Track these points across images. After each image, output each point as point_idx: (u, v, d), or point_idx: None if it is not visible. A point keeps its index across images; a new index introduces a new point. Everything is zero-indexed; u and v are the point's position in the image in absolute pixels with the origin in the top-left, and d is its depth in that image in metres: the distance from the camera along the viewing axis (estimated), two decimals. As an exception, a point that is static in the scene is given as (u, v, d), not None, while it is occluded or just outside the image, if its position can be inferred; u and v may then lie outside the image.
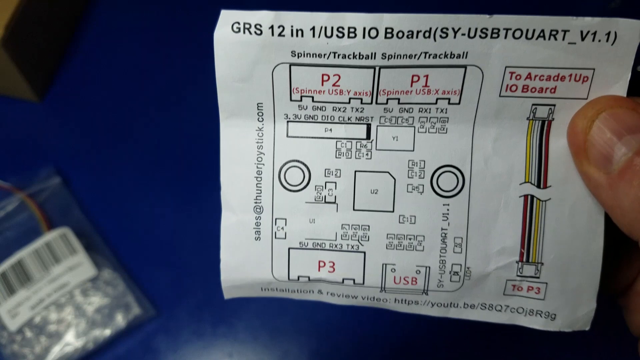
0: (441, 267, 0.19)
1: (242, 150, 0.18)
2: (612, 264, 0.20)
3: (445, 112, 0.18)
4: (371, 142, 0.18)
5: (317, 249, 0.19)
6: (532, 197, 0.18)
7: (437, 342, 0.34)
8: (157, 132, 0.39)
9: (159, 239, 0.36)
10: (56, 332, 0.33)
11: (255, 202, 0.19)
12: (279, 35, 0.16)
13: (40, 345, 0.33)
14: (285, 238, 0.19)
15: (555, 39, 0.16)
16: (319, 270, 0.19)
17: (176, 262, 0.36)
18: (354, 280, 0.19)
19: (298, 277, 0.19)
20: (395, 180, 0.18)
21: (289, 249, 0.19)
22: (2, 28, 0.34)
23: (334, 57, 0.17)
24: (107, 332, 0.33)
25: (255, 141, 0.18)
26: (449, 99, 0.17)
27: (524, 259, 0.18)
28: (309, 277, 0.19)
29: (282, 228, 0.19)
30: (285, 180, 0.19)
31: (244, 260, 0.19)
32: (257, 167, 0.19)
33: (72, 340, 0.33)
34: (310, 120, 0.18)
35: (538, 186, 0.18)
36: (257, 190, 0.19)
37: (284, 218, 0.19)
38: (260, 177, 0.19)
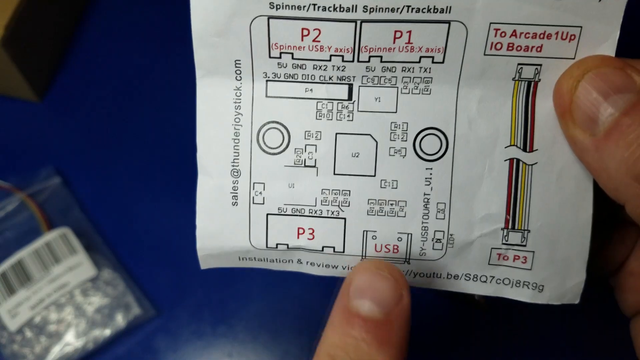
0: (423, 234, 0.18)
1: (219, 111, 0.18)
2: (603, 243, 0.20)
3: (429, 72, 0.17)
4: (353, 103, 0.18)
5: (297, 215, 0.18)
6: (518, 161, 0.17)
7: (437, 342, 0.34)
8: (157, 132, 0.39)
9: (159, 239, 0.36)
10: (56, 332, 0.33)
11: (233, 166, 0.18)
12: None
13: (40, 345, 0.33)
14: (263, 203, 0.18)
15: None
16: (298, 237, 0.18)
17: (176, 262, 0.36)
18: (334, 248, 0.18)
19: (277, 245, 0.18)
20: (377, 143, 0.18)
21: (267, 214, 0.18)
22: (2, 28, 0.34)
23: (314, 9, 0.16)
24: (107, 332, 0.33)
25: (232, 101, 0.18)
26: (433, 57, 0.17)
27: (510, 226, 0.18)
28: (287, 245, 0.18)
29: (260, 193, 0.18)
30: (264, 143, 0.18)
31: (221, 226, 0.18)
32: (235, 129, 0.18)
33: (72, 340, 0.33)
34: (290, 79, 0.17)
35: (524, 150, 0.17)
36: (234, 152, 0.18)
37: (262, 182, 0.18)
38: (238, 139, 0.18)
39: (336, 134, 0.18)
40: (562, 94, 0.16)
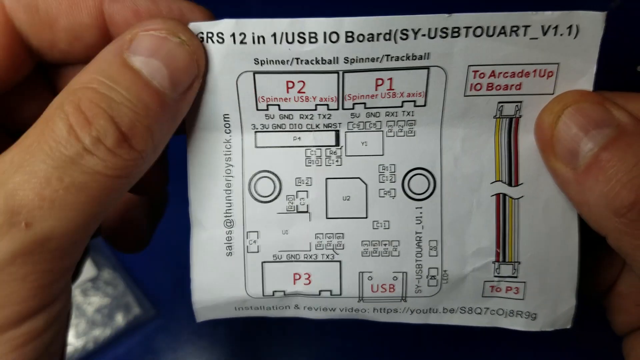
0: (418, 272, 0.18)
1: (210, 164, 0.18)
2: (592, 265, 0.20)
3: (412, 115, 0.18)
4: (340, 148, 0.18)
5: (292, 261, 0.18)
6: (504, 195, 0.18)
7: (437, 343, 0.34)
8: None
9: (159, 239, 0.36)
10: (56, 332, 0.33)
11: (226, 216, 0.18)
12: (241, 42, 0.16)
13: (40, 345, 0.33)
14: (258, 252, 0.18)
15: (517, 34, 0.16)
16: (294, 283, 0.19)
17: (176, 262, 0.35)
18: (331, 291, 0.18)
19: (273, 293, 0.19)
20: (366, 185, 0.18)
21: (262, 263, 0.18)
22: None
23: (297, 63, 0.16)
24: (107, 332, 0.33)
25: (223, 153, 0.18)
26: (415, 101, 0.17)
27: (501, 259, 0.18)
28: (284, 292, 0.19)
29: (255, 241, 0.18)
30: (256, 192, 0.18)
31: (216, 278, 0.19)
32: (226, 180, 0.18)
33: (72, 340, 0.33)
34: (278, 129, 0.18)
35: (509, 184, 0.18)
36: (227, 203, 0.18)
37: (255, 231, 0.18)
38: (230, 190, 0.18)
39: (326, 179, 0.18)
40: (544, 128, 0.17)
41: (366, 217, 0.18)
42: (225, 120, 0.18)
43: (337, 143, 0.18)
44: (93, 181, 0.14)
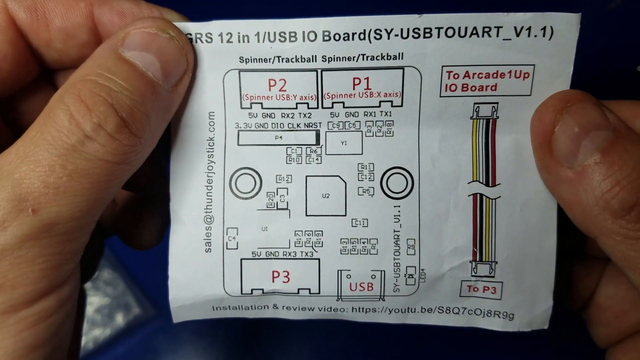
0: (396, 270, 0.18)
1: (193, 161, 0.18)
2: (569, 276, 0.21)
3: (390, 115, 0.18)
4: (320, 147, 0.18)
5: (271, 258, 0.18)
6: (482, 195, 0.18)
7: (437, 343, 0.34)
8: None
9: (159, 239, 0.36)
10: (56, 332, 0.33)
11: (206, 212, 0.18)
12: (228, 41, 0.17)
13: (40, 345, 0.33)
14: (237, 248, 0.18)
15: (489, 35, 0.16)
16: (273, 281, 0.19)
17: (176, 262, 0.35)
18: (309, 289, 0.19)
19: (252, 291, 0.19)
20: (345, 183, 0.18)
21: (241, 259, 0.18)
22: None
23: (279, 61, 0.17)
24: (107, 332, 0.33)
25: (206, 150, 0.18)
26: (392, 102, 0.18)
27: (478, 258, 0.18)
28: (262, 290, 0.19)
29: (234, 238, 0.18)
30: (237, 188, 0.18)
31: (194, 275, 0.19)
32: (208, 176, 0.18)
33: (72, 340, 0.33)
34: (261, 128, 0.18)
35: (487, 184, 0.18)
36: (207, 199, 0.18)
37: (235, 227, 0.18)
38: (211, 187, 0.18)
39: (306, 176, 0.18)
40: (544, 124, 0.17)
41: (345, 215, 0.18)
42: (210, 118, 0.18)
43: (318, 142, 0.18)
44: (95, 167, 0.15)
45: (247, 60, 0.17)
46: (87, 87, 0.15)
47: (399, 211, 0.18)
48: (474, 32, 0.16)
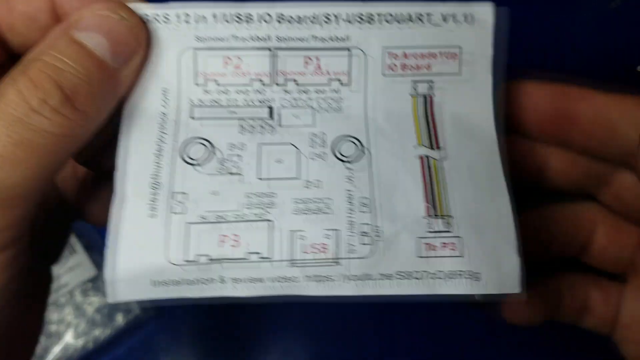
0: (350, 228, 0.18)
1: (143, 132, 0.18)
2: (587, 305, 0.21)
3: (339, 92, 0.19)
4: (274, 120, 0.19)
5: (220, 222, 0.18)
6: (428, 157, 0.19)
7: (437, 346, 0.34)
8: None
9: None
10: (56, 332, 0.33)
11: (153, 178, 0.18)
12: (185, 22, 0.18)
13: (40, 345, 0.33)
14: (184, 213, 0.18)
15: (422, 21, 0.19)
16: (221, 246, 0.17)
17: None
18: (259, 253, 0.18)
19: (197, 258, 0.17)
20: (298, 149, 0.19)
21: (187, 224, 0.17)
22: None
23: (234, 40, 0.19)
24: (107, 332, 0.33)
25: (157, 123, 0.19)
26: (340, 80, 0.19)
27: (431, 213, 0.18)
28: (209, 256, 0.17)
29: (181, 202, 0.18)
30: (187, 156, 0.18)
31: (134, 243, 0.17)
32: (158, 145, 0.18)
33: (72, 341, 0.33)
34: (215, 104, 0.19)
35: (431, 148, 0.19)
36: (155, 166, 0.18)
37: (183, 192, 0.18)
38: (161, 155, 0.18)
39: (259, 144, 0.19)
40: None
41: (298, 178, 0.19)
42: (164, 94, 0.19)
43: (271, 117, 0.19)
44: (40, 137, 0.16)
45: (203, 39, 0.19)
46: (36, 66, 0.16)
47: (351, 173, 0.19)
48: (410, 18, 0.19)
